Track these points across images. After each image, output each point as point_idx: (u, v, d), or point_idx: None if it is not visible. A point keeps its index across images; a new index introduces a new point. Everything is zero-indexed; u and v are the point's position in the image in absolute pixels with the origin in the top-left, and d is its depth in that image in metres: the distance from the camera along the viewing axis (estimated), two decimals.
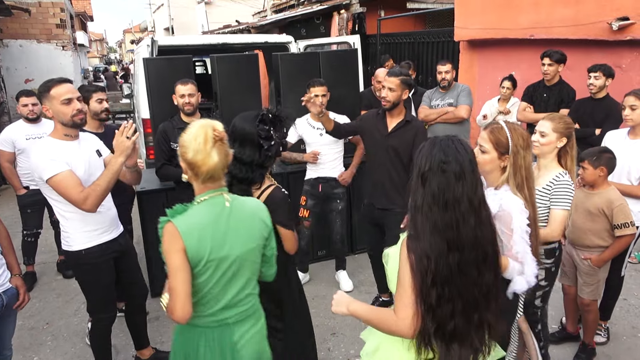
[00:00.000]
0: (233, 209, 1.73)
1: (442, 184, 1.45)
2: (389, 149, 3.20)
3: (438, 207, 1.45)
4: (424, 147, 1.54)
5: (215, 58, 4.14)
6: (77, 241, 2.49)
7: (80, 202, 2.29)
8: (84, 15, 23.85)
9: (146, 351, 3.08)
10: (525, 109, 4.56)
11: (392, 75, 3.13)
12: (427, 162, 1.48)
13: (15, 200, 4.40)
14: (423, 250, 1.45)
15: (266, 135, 2.11)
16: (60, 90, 2.36)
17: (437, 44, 7.69)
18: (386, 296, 3.67)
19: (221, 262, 1.67)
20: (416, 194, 1.50)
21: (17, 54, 10.49)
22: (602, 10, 4.87)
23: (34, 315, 3.76)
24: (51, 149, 2.36)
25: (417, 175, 1.50)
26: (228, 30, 14.28)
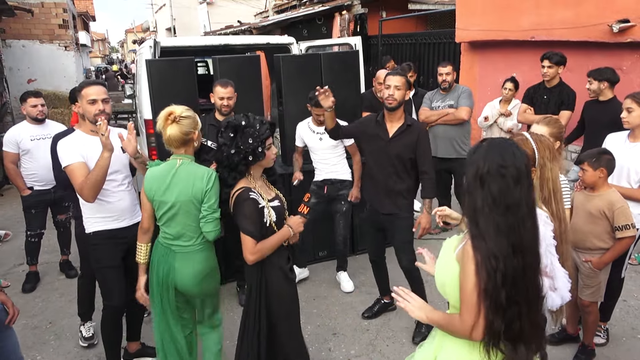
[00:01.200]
0: (179, 170, 2.37)
1: (503, 188, 1.45)
2: (391, 155, 3.15)
3: (499, 210, 1.45)
4: (480, 148, 1.53)
5: (217, 59, 4.16)
6: (88, 224, 2.80)
7: (79, 191, 2.61)
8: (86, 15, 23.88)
9: (134, 345, 3.18)
10: (526, 111, 4.58)
11: (396, 75, 3.10)
12: (485, 164, 1.47)
13: (18, 200, 4.43)
14: (490, 250, 1.45)
15: (225, 143, 2.26)
16: (89, 91, 2.66)
17: (438, 45, 7.72)
18: (387, 298, 3.66)
19: (162, 203, 2.37)
20: (474, 195, 1.49)
21: (20, 54, 10.52)
22: (603, 12, 4.89)
23: (37, 314, 3.78)
24: (74, 141, 2.69)
25: (474, 176, 1.49)
26: (230, 31, 14.30)
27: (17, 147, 4.08)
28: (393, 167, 3.17)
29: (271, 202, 2.34)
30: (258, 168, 2.37)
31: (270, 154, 2.35)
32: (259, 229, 2.25)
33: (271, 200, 2.35)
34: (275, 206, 2.36)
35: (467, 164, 1.55)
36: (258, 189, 2.31)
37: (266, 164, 2.37)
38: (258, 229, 2.25)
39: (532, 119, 4.47)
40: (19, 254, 4.64)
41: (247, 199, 2.23)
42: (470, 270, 1.48)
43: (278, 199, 2.42)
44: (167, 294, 2.47)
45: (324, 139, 3.80)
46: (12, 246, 5.16)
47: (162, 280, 2.45)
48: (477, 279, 1.47)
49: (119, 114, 11.89)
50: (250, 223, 2.22)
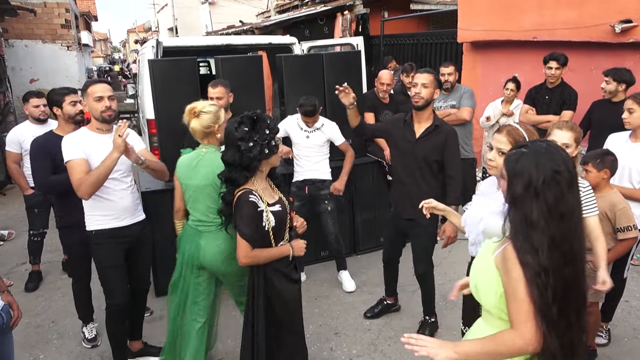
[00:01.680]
0: (204, 157, 2.59)
1: (558, 195, 1.37)
2: (417, 157, 3.03)
3: (555, 220, 1.37)
4: (524, 156, 1.43)
5: (220, 59, 4.17)
6: (90, 222, 2.78)
7: (76, 188, 2.59)
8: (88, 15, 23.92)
9: (136, 344, 3.18)
10: (528, 112, 4.58)
11: (424, 72, 2.99)
12: (539, 174, 1.38)
13: (21, 199, 4.44)
14: (542, 266, 1.36)
15: (243, 137, 2.20)
16: (95, 89, 2.67)
17: (441, 46, 7.71)
18: (391, 299, 3.64)
19: (187, 187, 2.62)
20: (526, 208, 1.39)
21: (23, 54, 10.55)
22: (605, 12, 4.89)
23: (40, 313, 3.80)
24: (77, 138, 2.69)
25: (525, 187, 1.39)
26: (232, 31, 14.31)
27: (19, 147, 4.09)
28: (419, 170, 3.05)
29: (272, 207, 2.31)
30: (266, 166, 2.35)
31: (279, 151, 2.37)
32: (254, 232, 2.24)
33: (272, 205, 2.33)
34: (275, 211, 2.32)
35: (509, 174, 1.45)
36: (260, 191, 2.29)
37: (275, 160, 2.37)
38: (254, 233, 2.24)
39: (534, 119, 4.47)
40: (22, 253, 4.65)
41: (246, 201, 2.22)
42: (517, 277, 1.39)
43: (280, 204, 2.38)
44: (190, 273, 2.64)
45: (311, 138, 3.81)
46: (14, 245, 5.18)
47: (187, 260, 2.63)
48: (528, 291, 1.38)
49: (121, 113, 11.91)
50: (246, 226, 2.21)
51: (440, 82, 3.05)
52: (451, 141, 3.02)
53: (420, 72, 3.05)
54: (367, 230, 4.75)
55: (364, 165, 4.63)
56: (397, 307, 3.69)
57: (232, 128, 2.25)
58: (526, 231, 1.39)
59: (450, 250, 4.70)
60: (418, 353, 1.52)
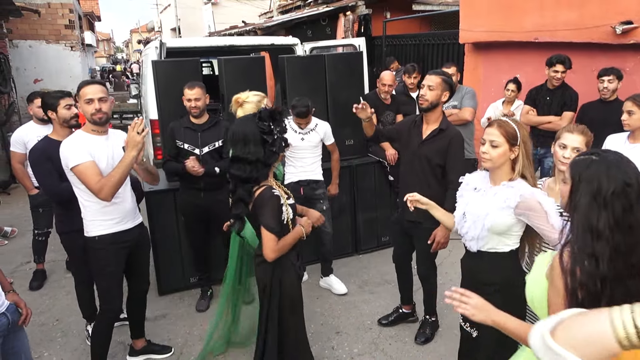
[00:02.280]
0: None
1: (626, 207, 1.34)
2: (422, 158, 3.03)
3: (621, 231, 1.34)
4: (595, 163, 1.39)
5: (223, 60, 4.20)
6: (92, 228, 2.71)
7: (97, 191, 2.52)
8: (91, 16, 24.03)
9: (139, 342, 3.20)
10: (529, 112, 4.59)
11: (433, 74, 2.97)
12: (610, 184, 1.34)
13: (25, 199, 4.48)
14: (601, 275, 1.32)
15: (268, 130, 2.21)
16: (87, 91, 2.62)
17: (443, 46, 7.73)
18: (407, 308, 3.56)
19: None
20: (591, 218, 1.35)
21: (27, 55, 10.61)
22: (606, 13, 4.89)
23: (45, 312, 3.84)
24: (78, 141, 2.61)
25: (595, 196, 1.36)
26: (234, 31, 14.35)
27: (24, 147, 4.12)
28: (422, 172, 3.05)
29: (288, 200, 2.38)
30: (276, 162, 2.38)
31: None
32: (281, 227, 2.27)
33: (288, 198, 2.39)
34: (291, 204, 2.39)
35: (576, 179, 1.41)
36: (276, 186, 2.34)
37: (281, 158, 2.41)
38: (281, 228, 2.27)
39: (535, 120, 4.49)
40: (26, 252, 4.70)
41: (271, 196, 2.24)
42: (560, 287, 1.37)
43: (291, 197, 2.45)
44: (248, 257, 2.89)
45: (306, 139, 3.81)
46: (19, 244, 5.22)
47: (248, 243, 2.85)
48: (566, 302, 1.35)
49: (124, 113, 11.97)
50: (274, 221, 2.23)
51: (451, 84, 2.99)
52: (455, 145, 2.98)
53: (429, 73, 3.03)
54: (369, 230, 4.77)
55: (366, 165, 4.66)
56: (414, 318, 3.57)
57: (251, 126, 2.22)
58: (588, 240, 1.35)
59: (450, 250, 4.73)
60: (455, 309, 1.59)
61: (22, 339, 2.29)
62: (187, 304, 3.88)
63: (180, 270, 4.03)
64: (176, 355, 3.26)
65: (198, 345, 3.35)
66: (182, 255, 4.00)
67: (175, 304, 3.92)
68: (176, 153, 3.58)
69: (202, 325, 3.59)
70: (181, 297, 3.99)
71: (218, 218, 3.66)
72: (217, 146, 3.60)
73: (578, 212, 1.39)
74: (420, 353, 3.24)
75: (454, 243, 5.03)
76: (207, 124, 3.60)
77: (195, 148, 3.54)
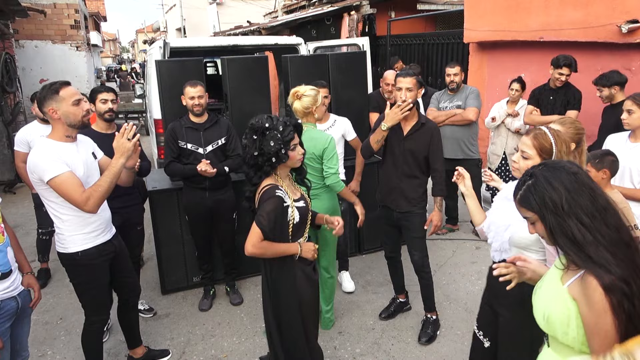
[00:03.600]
0: (306, 133, 2.82)
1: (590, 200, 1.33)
2: (406, 153, 3.18)
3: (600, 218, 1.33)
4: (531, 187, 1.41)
5: (226, 60, 4.20)
6: (73, 243, 2.50)
7: (82, 203, 2.33)
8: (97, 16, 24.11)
9: (139, 350, 3.12)
10: (532, 112, 4.57)
11: (406, 76, 3.06)
12: (558, 195, 1.35)
13: (30, 198, 4.50)
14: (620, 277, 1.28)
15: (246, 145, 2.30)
16: (70, 92, 2.41)
17: (447, 46, 7.71)
18: (402, 297, 3.66)
19: None
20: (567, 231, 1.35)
21: (33, 55, 10.67)
22: (612, 12, 4.87)
23: (49, 310, 3.86)
24: (52, 150, 2.37)
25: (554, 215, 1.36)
26: (239, 31, 14.38)
27: (27, 146, 4.14)
28: (407, 165, 3.20)
29: (297, 202, 2.35)
30: (284, 168, 2.37)
31: (296, 154, 2.33)
32: (272, 227, 2.24)
33: (297, 200, 2.36)
34: (300, 207, 2.35)
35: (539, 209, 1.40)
36: (285, 187, 2.32)
37: (291, 164, 2.37)
38: (272, 228, 2.24)
39: (539, 120, 4.46)
40: (31, 251, 4.71)
41: (273, 196, 2.24)
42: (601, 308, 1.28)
43: (303, 200, 2.41)
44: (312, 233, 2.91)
45: None
46: (23, 243, 5.17)
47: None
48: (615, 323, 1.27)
49: (129, 113, 12.01)
50: (266, 218, 2.22)
51: (421, 82, 3.17)
52: (436, 137, 3.16)
53: (401, 75, 3.10)
54: (372, 230, 4.75)
55: (369, 165, 4.63)
56: (409, 307, 3.71)
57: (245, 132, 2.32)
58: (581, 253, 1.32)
59: (454, 250, 4.72)
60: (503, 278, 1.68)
61: (25, 327, 2.35)
62: (190, 303, 3.89)
63: (183, 269, 4.04)
64: (178, 354, 3.27)
65: (200, 344, 3.36)
66: (185, 254, 4.00)
67: (178, 303, 3.92)
68: (178, 154, 3.55)
69: (204, 325, 3.60)
70: (184, 297, 4.00)
71: (222, 217, 3.67)
72: (221, 144, 3.60)
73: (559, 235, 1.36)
74: (423, 353, 3.23)
75: (458, 244, 5.00)
76: (208, 122, 3.59)
77: (198, 147, 3.53)
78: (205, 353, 3.28)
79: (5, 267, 2.14)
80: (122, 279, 2.85)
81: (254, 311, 3.76)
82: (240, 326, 3.58)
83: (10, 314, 2.17)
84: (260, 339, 3.38)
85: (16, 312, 2.21)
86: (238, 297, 3.90)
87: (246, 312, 3.76)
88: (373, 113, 4.85)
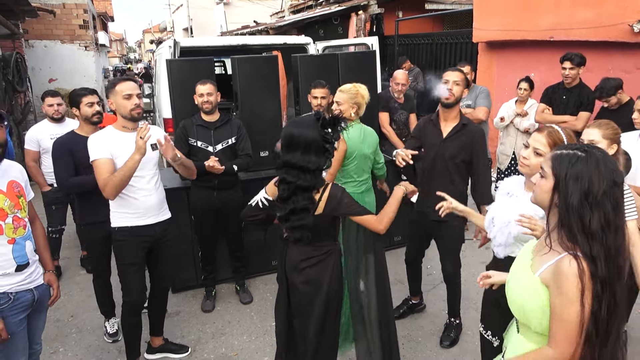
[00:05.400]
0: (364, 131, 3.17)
1: (615, 206, 1.32)
2: (445, 156, 3.00)
3: (612, 232, 1.32)
4: (581, 161, 1.35)
5: (236, 59, 4.20)
6: (114, 219, 2.81)
7: (102, 188, 2.63)
8: (105, 16, 24.23)
9: (157, 340, 3.21)
10: (544, 111, 4.54)
11: (455, 70, 3.01)
12: (601, 183, 1.31)
13: (40, 197, 4.53)
14: (600, 278, 1.30)
15: (330, 140, 2.16)
16: (123, 87, 2.69)
17: (456, 45, 7.69)
18: (416, 299, 3.63)
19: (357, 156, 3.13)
20: (584, 217, 1.32)
21: (42, 54, 10.73)
22: (624, 12, 4.83)
23: (60, 308, 3.88)
24: (104, 137, 2.71)
25: (585, 195, 1.32)
26: (246, 31, 14.40)
27: (37, 145, 4.17)
28: (447, 170, 3.02)
29: None
30: None
31: None
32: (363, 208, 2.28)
33: None
34: None
35: (560, 176, 1.37)
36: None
37: None
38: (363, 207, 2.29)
39: (550, 119, 4.44)
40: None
41: (342, 190, 2.22)
42: (572, 297, 1.32)
43: None
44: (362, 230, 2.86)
45: None
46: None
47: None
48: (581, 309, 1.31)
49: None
50: (357, 205, 2.25)
51: (468, 81, 3.05)
52: (479, 140, 2.99)
53: (452, 70, 3.03)
54: None
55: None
56: (422, 307, 3.68)
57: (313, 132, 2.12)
58: (585, 241, 1.33)
59: (463, 250, 4.69)
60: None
61: (40, 322, 2.39)
62: (200, 302, 3.90)
63: (193, 268, 4.05)
64: (189, 352, 3.28)
65: (211, 342, 3.37)
66: (195, 253, 4.01)
67: (188, 301, 3.94)
68: (187, 151, 3.56)
69: (214, 323, 3.60)
70: (194, 295, 4.01)
71: (230, 216, 3.68)
72: (231, 143, 3.60)
73: (570, 212, 1.34)
74: (434, 353, 3.22)
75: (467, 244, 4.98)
76: (219, 122, 3.60)
77: (208, 145, 3.54)
78: (215, 351, 3.29)
79: (22, 260, 2.18)
80: (157, 267, 3.02)
81: (264, 310, 3.76)
82: (251, 325, 3.58)
83: (25, 306, 2.21)
84: (271, 337, 3.39)
85: (32, 304, 2.25)
86: (248, 296, 3.91)
87: (256, 311, 3.77)
88: (382, 113, 4.85)
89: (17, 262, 2.16)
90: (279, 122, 4.37)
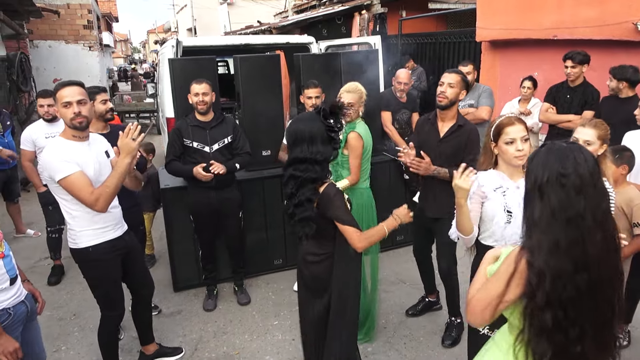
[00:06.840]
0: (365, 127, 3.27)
1: (563, 200, 1.31)
2: (441, 156, 3.03)
3: (559, 224, 1.31)
4: (538, 154, 1.40)
5: (239, 59, 4.20)
6: (84, 238, 2.54)
7: (92, 203, 2.38)
8: (109, 16, 24.29)
9: (151, 347, 3.13)
10: (548, 110, 4.51)
11: (452, 72, 3.00)
12: (544, 173, 1.34)
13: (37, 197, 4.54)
14: (538, 267, 1.32)
15: (334, 129, 2.17)
16: (63, 93, 2.43)
17: (459, 45, 7.66)
18: (432, 297, 3.64)
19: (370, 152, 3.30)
20: (532, 207, 1.36)
21: (46, 55, 10.80)
22: (628, 10, 4.80)
23: (62, 306, 3.89)
24: (63, 150, 2.42)
25: (532, 186, 1.37)
26: (250, 31, 14.42)
27: (33, 145, 4.17)
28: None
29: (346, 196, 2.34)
30: None
31: None
32: (353, 217, 2.23)
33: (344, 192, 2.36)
34: (348, 199, 2.34)
35: (526, 172, 1.43)
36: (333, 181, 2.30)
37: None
38: (353, 218, 2.23)
39: (555, 118, 4.42)
40: (45, 248, 4.76)
41: (337, 191, 2.21)
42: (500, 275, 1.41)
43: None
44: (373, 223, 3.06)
45: None
46: (38, 240, 5.31)
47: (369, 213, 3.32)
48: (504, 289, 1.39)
49: (141, 112, 12.10)
50: (346, 213, 2.19)
51: (467, 83, 3.03)
52: (474, 139, 3.00)
53: (448, 71, 3.03)
54: None
55: (381, 164, 4.63)
56: (439, 306, 3.65)
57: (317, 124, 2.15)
58: (529, 229, 1.37)
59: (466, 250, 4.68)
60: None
61: (36, 330, 2.35)
62: (202, 301, 3.90)
63: (195, 267, 4.05)
64: (191, 351, 3.28)
65: (213, 341, 3.37)
66: (196, 252, 4.01)
67: (190, 300, 3.94)
68: (181, 152, 3.54)
69: (216, 322, 3.61)
70: (196, 294, 4.02)
71: (229, 216, 3.67)
72: (227, 143, 3.59)
73: (525, 204, 1.41)
74: (435, 352, 3.21)
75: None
76: (214, 121, 3.57)
77: (204, 146, 3.52)
78: (217, 350, 3.29)
79: (13, 273, 2.13)
80: (135, 276, 2.87)
81: (265, 309, 3.76)
82: (252, 324, 3.58)
83: (22, 318, 2.17)
84: (272, 336, 3.39)
85: (26, 315, 2.21)
86: (245, 297, 3.89)
87: (257, 310, 3.77)
88: (385, 112, 4.84)
89: (9, 276, 2.10)
90: (281, 122, 4.37)
